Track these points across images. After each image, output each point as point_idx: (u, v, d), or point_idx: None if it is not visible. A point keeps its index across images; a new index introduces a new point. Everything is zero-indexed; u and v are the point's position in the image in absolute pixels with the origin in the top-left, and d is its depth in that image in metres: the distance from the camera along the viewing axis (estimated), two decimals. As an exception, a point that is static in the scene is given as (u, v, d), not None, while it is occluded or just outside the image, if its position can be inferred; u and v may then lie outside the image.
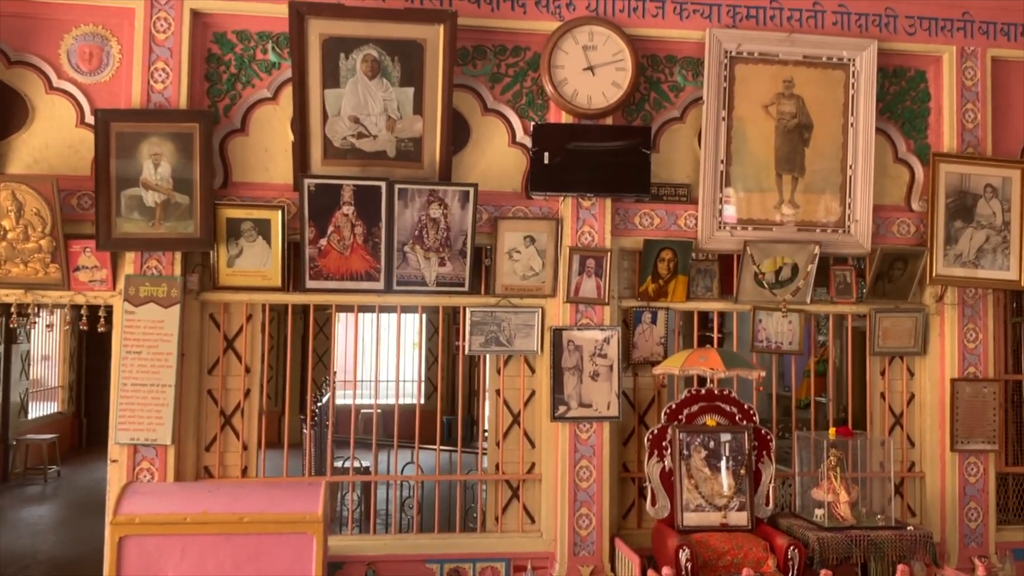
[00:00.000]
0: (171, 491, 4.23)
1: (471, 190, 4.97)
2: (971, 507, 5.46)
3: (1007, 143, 5.62)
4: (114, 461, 4.81)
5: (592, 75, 5.14)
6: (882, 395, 5.64)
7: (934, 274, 5.43)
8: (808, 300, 5.42)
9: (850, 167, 5.40)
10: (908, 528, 4.82)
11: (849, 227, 5.41)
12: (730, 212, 5.31)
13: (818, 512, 4.90)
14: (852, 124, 5.39)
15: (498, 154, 5.24)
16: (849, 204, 5.40)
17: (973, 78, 5.51)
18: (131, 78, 4.87)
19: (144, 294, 4.81)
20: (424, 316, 13.41)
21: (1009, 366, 5.82)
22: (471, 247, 5.04)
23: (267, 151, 5.06)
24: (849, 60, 5.37)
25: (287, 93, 5.01)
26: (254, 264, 4.95)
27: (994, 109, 5.56)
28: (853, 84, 5.38)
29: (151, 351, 4.80)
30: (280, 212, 4.91)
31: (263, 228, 4.92)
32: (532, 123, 5.18)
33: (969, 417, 5.44)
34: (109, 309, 4.93)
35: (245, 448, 5.11)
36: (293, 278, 5.05)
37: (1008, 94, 5.63)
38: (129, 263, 4.85)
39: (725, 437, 4.95)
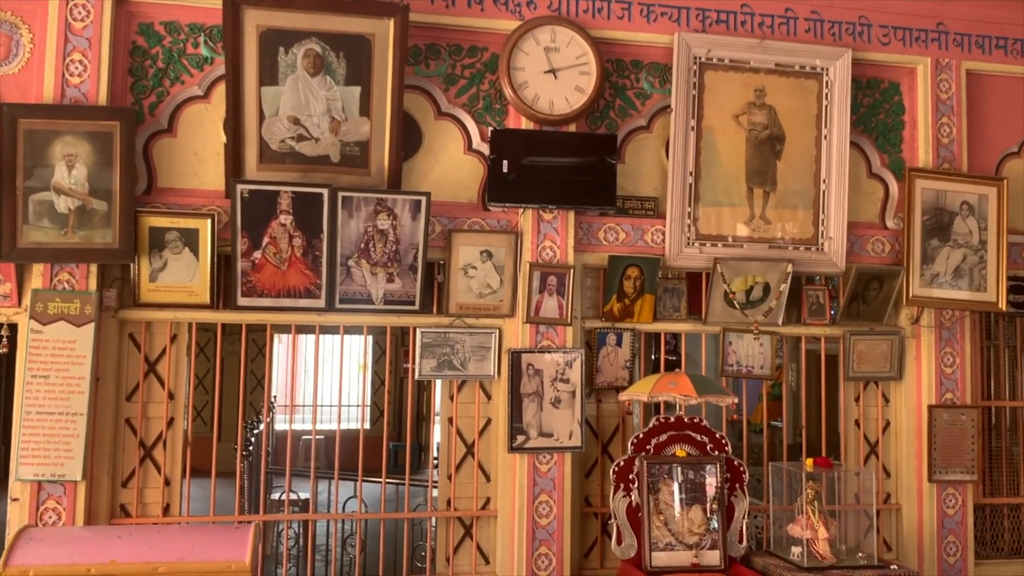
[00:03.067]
0: (75, 537, 3.69)
1: (423, 200, 4.55)
2: (949, 541, 5.17)
3: (982, 159, 5.40)
4: (15, 500, 4.26)
5: (554, 79, 4.78)
6: (856, 422, 5.34)
7: (910, 295, 5.15)
8: (780, 321, 5.10)
9: (823, 181, 5.12)
10: (892, 567, 4.49)
11: (823, 244, 5.12)
12: (699, 227, 4.99)
13: (795, 550, 4.55)
14: (826, 136, 5.12)
15: (452, 161, 4.84)
16: (823, 221, 5.12)
17: (948, 91, 5.29)
18: (43, 70, 4.34)
19: (53, 311, 4.28)
20: (371, 337, 12.91)
21: (985, 392, 5.57)
22: (422, 262, 4.61)
23: (197, 154, 4.58)
24: (823, 69, 5.10)
25: (220, 91, 4.55)
26: (180, 279, 4.45)
27: (969, 124, 5.34)
28: (827, 95, 5.12)
29: (60, 375, 4.26)
30: (210, 221, 4.43)
31: (190, 239, 4.43)
32: (490, 129, 4.79)
33: (947, 446, 5.17)
34: (13, 328, 4.38)
35: (167, 483, 4.59)
36: (223, 294, 4.57)
37: (983, 109, 5.41)
38: (37, 276, 4.31)
39: (696, 469, 4.59)
